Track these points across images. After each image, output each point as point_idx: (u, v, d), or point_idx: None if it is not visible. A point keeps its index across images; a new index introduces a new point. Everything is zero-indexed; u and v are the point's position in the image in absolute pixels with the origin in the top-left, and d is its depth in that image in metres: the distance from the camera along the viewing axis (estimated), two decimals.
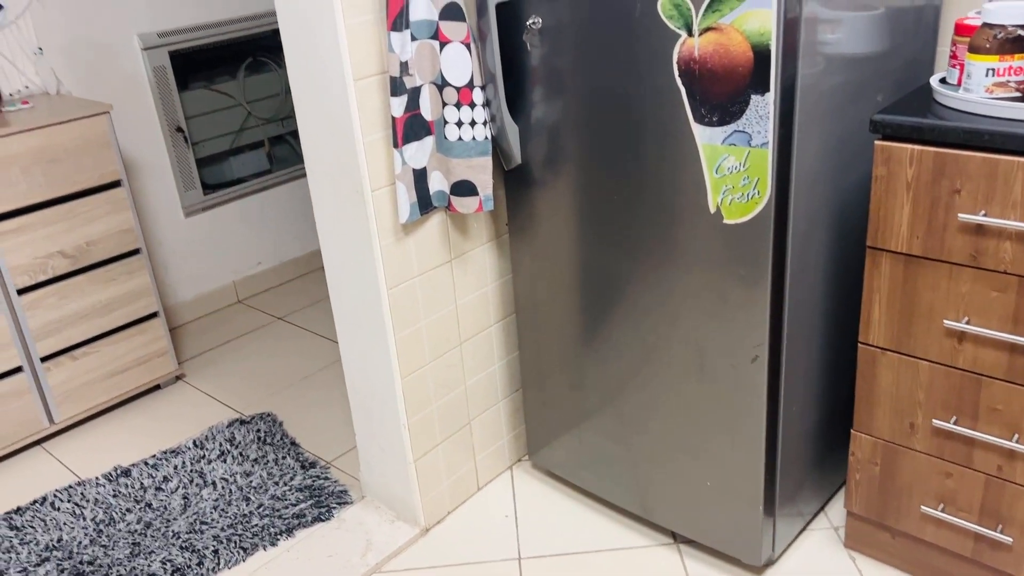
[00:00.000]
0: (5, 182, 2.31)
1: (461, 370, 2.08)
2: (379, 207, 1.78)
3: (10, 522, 2.23)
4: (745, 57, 1.42)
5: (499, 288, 2.10)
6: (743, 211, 1.53)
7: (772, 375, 1.65)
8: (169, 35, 2.96)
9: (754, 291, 1.58)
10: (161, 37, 2.95)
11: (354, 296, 1.92)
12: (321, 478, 2.31)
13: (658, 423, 1.85)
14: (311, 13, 1.65)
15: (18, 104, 2.54)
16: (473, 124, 1.77)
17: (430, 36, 1.69)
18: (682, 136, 1.56)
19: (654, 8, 1.49)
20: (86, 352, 2.56)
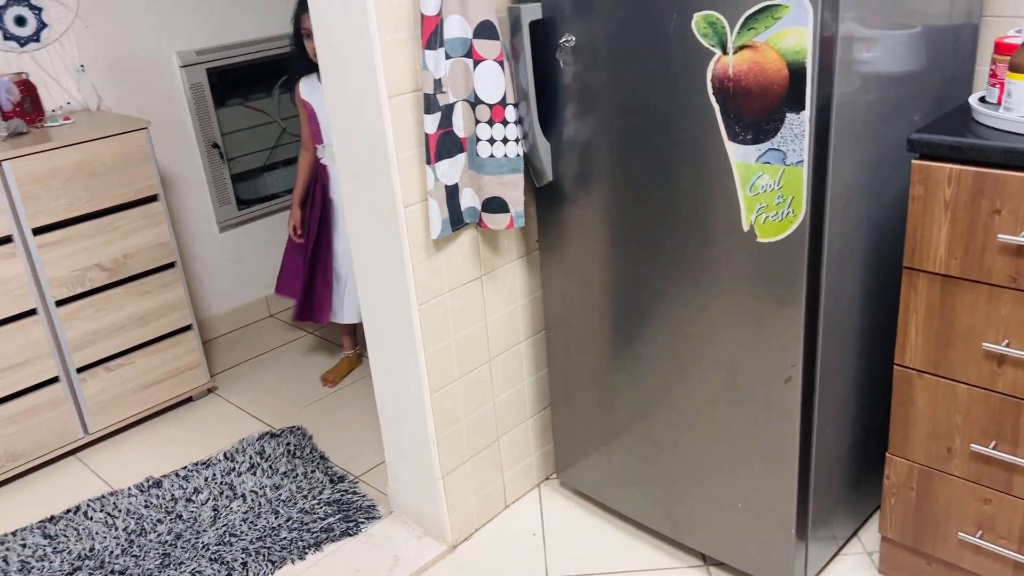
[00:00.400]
0: (47, 195, 2.35)
1: (490, 386, 2.08)
2: (411, 223, 1.79)
3: (44, 530, 2.26)
4: (780, 75, 1.42)
5: (529, 305, 2.10)
6: (777, 230, 1.52)
7: (806, 396, 1.63)
8: (207, 53, 3.02)
9: (788, 310, 1.57)
10: (199, 55, 3.00)
11: (385, 311, 1.93)
12: (349, 492, 2.31)
13: (689, 443, 1.83)
14: (348, 31, 1.67)
15: (60, 120, 2.60)
16: (505, 141, 1.78)
17: (464, 54, 1.71)
18: (715, 154, 1.55)
19: (688, 26, 1.49)
20: (121, 364, 2.60)
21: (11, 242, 2.32)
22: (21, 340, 2.38)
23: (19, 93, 2.52)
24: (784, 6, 1.37)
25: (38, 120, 2.56)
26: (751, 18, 1.41)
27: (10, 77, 2.52)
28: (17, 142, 2.38)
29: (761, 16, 1.40)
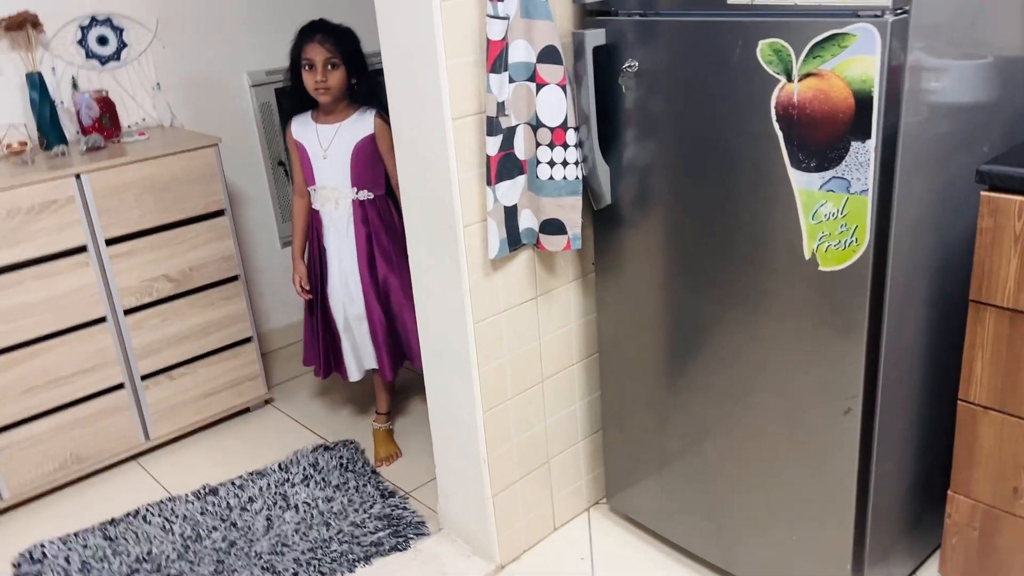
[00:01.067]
0: (120, 207, 2.44)
1: (542, 407, 2.08)
2: (470, 242, 1.82)
3: (105, 532, 2.33)
4: (846, 104, 1.41)
5: (583, 327, 2.11)
6: (840, 259, 1.50)
7: (865, 428, 1.60)
8: (276, 73, 3.10)
9: (849, 341, 1.54)
10: (268, 75, 3.09)
11: (441, 328, 1.95)
12: (399, 508, 2.33)
13: (743, 472, 1.81)
14: (415, 53, 1.71)
15: (135, 135, 2.70)
16: (565, 164, 1.80)
17: (527, 78, 1.73)
18: (777, 181, 1.54)
19: (753, 53, 1.49)
20: (183, 372, 2.67)
21: (85, 251, 2.41)
22: (90, 346, 2.47)
23: (99, 109, 2.63)
24: (852, 35, 1.36)
25: (115, 135, 2.67)
26: (817, 46, 1.41)
27: (91, 94, 2.63)
28: (95, 156, 2.48)
29: (828, 44, 1.40)
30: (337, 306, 2.49)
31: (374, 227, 2.41)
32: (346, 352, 2.54)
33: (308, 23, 2.32)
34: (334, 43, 2.28)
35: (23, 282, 2.31)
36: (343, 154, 2.35)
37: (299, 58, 2.31)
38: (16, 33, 2.51)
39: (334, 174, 2.37)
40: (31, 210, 2.29)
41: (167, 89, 2.86)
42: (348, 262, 2.43)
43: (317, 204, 2.43)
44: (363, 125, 2.36)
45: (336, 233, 2.42)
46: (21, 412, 2.39)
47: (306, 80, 2.31)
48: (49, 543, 2.29)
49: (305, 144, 2.39)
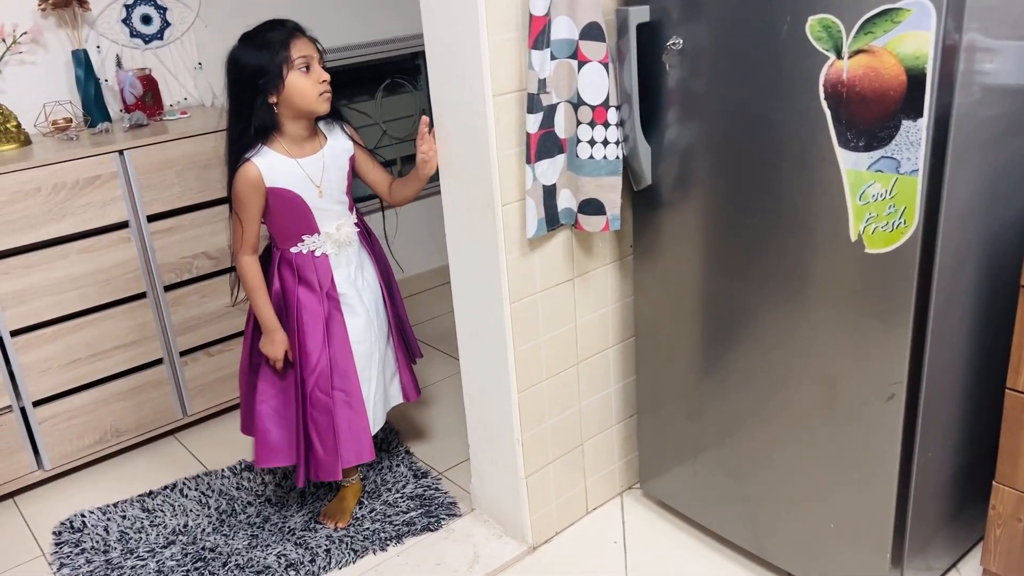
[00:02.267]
0: (162, 184, 2.47)
1: (576, 390, 2.07)
2: (507, 221, 1.81)
3: (143, 504, 2.36)
4: (898, 81, 1.37)
5: (619, 310, 2.09)
6: (887, 241, 1.47)
7: (908, 416, 1.57)
8: None
9: (894, 325, 1.51)
10: None
11: (477, 307, 1.95)
12: (432, 488, 2.34)
13: (781, 459, 1.78)
14: (457, 29, 1.70)
15: (177, 114, 2.72)
16: (606, 143, 1.78)
17: (569, 55, 1.72)
18: (824, 161, 1.51)
19: (802, 29, 1.46)
20: (220, 350, 2.70)
21: (127, 227, 2.45)
22: (131, 321, 2.51)
23: (142, 87, 2.65)
24: (906, 9, 1.33)
25: (157, 113, 2.70)
26: (869, 22, 1.38)
27: (134, 72, 2.66)
28: (138, 133, 2.51)
29: (880, 20, 1.37)
30: (366, 360, 2.08)
31: (369, 242, 2.16)
32: (372, 418, 2.12)
33: (268, 22, 1.87)
34: (314, 40, 1.90)
35: (68, 255, 2.35)
36: (339, 182, 2.00)
37: (277, 63, 1.82)
38: (63, 11, 2.55)
39: (335, 208, 2.01)
40: (76, 185, 2.32)
41: (208, 68, 2.88)
42: (373, 295, 2.12)
43: (330, 249, 2.01)
44: (342, 144, 2.01)
45: (356, 270, 2.07)
46: (64, 384, 2.43)
47: (303, 86, 1.84)
48: (89, 513, 2.34)
49: (293, 189, 1.92)
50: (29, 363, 2.36)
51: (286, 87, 1.85)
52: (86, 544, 2.22)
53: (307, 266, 2.00)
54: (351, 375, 2.05)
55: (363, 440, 2.08)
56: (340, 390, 2.04)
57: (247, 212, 1.94)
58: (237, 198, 1.94)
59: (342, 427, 2.06)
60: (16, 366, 2.34)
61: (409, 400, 2.29)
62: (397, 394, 2.27)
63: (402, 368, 2.26)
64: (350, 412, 2.06)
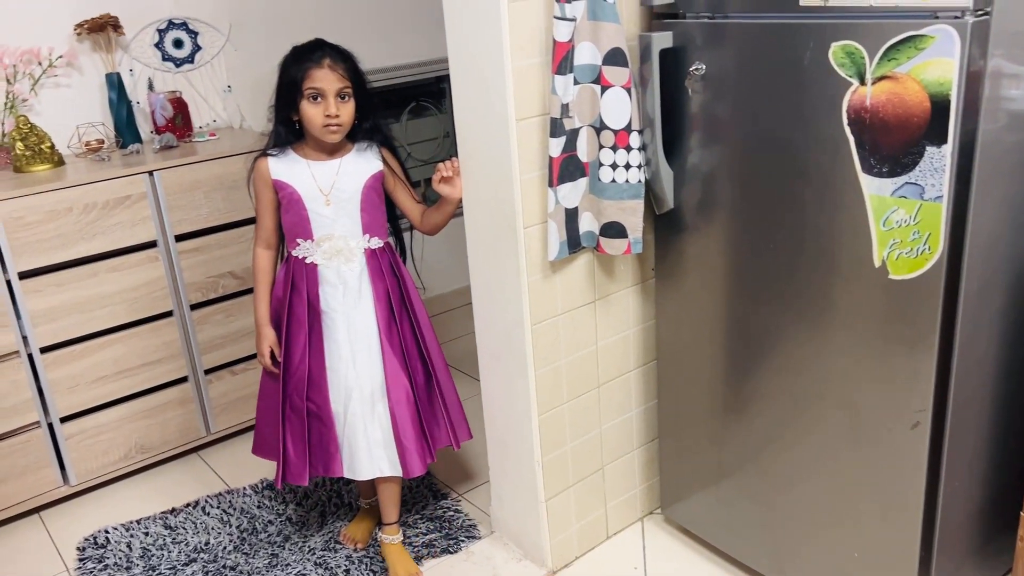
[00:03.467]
0: (190, 205, 2.51)
1: (597, 413, 2.06)
2: (529, 243, 1.82)
3: (165, 521, 2.38)
4: (922, 107, 1.37)
5: (641, 333, 2.09)
6: (911, 267, 1.46)
7: (934, 444, 1.54)
8: None
9: (919, 352, 1.50)
10: None
11: (499, 329, 1.95)
12: (452, 510, 2.33)
13: (804, 486, 1.76)
14: (481, 55, 1.72)
15: (206, 135, 2.77)
16: (628, 167, 1.79)
17: (592, 80, 1.73)
18: (847, 186, 1.51)
19: (824, 56, 1.47)
20: (245, 368, 2.72)
21: (156, 247, 2.48)
22: (157, 339, 2.54)
23: (172, 110, 2.71)
24: (929, 36, 1.33)
25: (187, 135, 2.75)
26: (892, 48, 1.38)
27: (165, 95, 2.71)
28: (168, 154, 2.56)
29: (903, 47, 1.37)
30: (339, 388, 2.00)
31: (390, 281, 2.03)
32: (344, 441, 2.02)
33: (308, 43, 1.91)
34: (346, 69, 1.88)
35: (97, 274, 2.39)
36: (351, 197, 1.95)
37: (298, 85, 1.87)
38: (98, 35, 2.61)
39: (342, 221, 1.96)
40: (106, 205, 2.37)
41: (237, 91, 2.93)
42: (362, 328, 1.99)
43: (319, 258, 1.96)
44: (368, 161, 1.98)
45: (347, 293, 1.97)
46: (91, 401, 2.46)
47: (311, 114, 1.87)
48: (112, 529, 2.36)
49: (295, 186, 1.94)
50: (58, 379, 2.39)
51: (299, 112, 1.91)
52: (109, 560, 2.24)
53: (300, 272, 2.00)
54: (324, 391, 2.01)
55: (332, 452, 2.03)
56: (312, 402, 2.02)
57: (259, 204, 2.03)
58: (253, 188, 2.02)
59: (313, 437, 2.04)
60: (45, 382, 2.38)
61: (412, 473, 2.03)
62: (387, 465, 2.02)
63: (407, 435, 2.02)
64: (320, 426, 2.03)
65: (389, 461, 2.03)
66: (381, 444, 2.02)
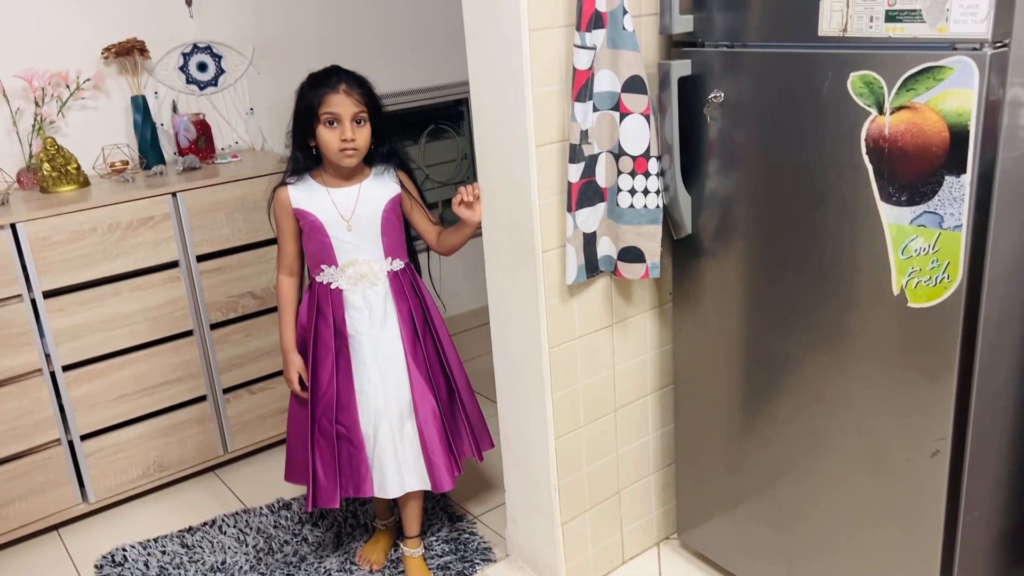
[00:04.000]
0: (211, 226, 2.54)
1: (614, 437, 2.07)
2: (547, 267, 1.83)
3: (183, 540, 2.39)
4: (940, 137, 1.38)
5: (658, 357, 2.09)
6: (930, 295, 1.46)
7: (954, 473, 1.54)
8: None
9: (938, 380, 1.49)
10: None
11: (516, 352, 1.96)
12: (467, 532, 2.33)
13: (822, 514, 1.76)
14: (502, 82, 1.74)
15: (228, 157, 2.81)
16: (646, 192, 1.80)
17: (611, 107, 1.75)
18: (866, 214, 1.51)
19: (843, 85, 1.48)
20: (263, 387, 2.74)
21: (177, 267, 2.52)
22: (177, 358, 2.56)
23: (196, 132, 2.75)
24: (948, 68, 1.34)
25: (209, 157, 2.79)
26: (911, 79, 1.39)
27: (189, 117, 2.76)
28: (190, 176, 2.59)
29: (922, 77, 1.38)
30: (368, 410, 2.02)
31: (413, 301, 2.06)
32: (374, 461, 2.04)
33: (324, 69, 1.95)
34: (361, 95, 1.92)
35: (120, 293, 2.43)
36: (371, 222, 1.98)
37: (314, 111, 1.91)
38: (125, 59, 2.66)
39: (364, 246, 1.99)
40: (130, 225, 2.40)
41: (260, 114, 2.97)
42: (388, 350, 2.02)
43: (344, 284, 1.99)
44: (386, 185, 2.02)
45: (372, 316, 2.00)
46: (111, 419, 2.49)
47: (327, 139, 1.90)
48: (130, 547, 2.37)
49: (316, 214, 1.97)
50: (79, 397, 2.42)
51: (316, 137, 1.94)
52: None
53: (325, 297, 2.02)
54: (352, 413, 2.03)
55: (363, 474, 2.04)
56: (342, 425, 2.04)
57: (280, 232, 2.05)
58: (274, 218, 2.05)
59: (342, 459, 2.05)
60: (67, 400, 2.40)
61: (441, 488, 2.07)
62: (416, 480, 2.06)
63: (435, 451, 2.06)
64: (350, 447, 2.04)
65: (418, 476, 2.06)
66: (411, 461, 2.05)
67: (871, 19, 1.43)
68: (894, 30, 1.41)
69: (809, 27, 1.52)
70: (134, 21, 2.69)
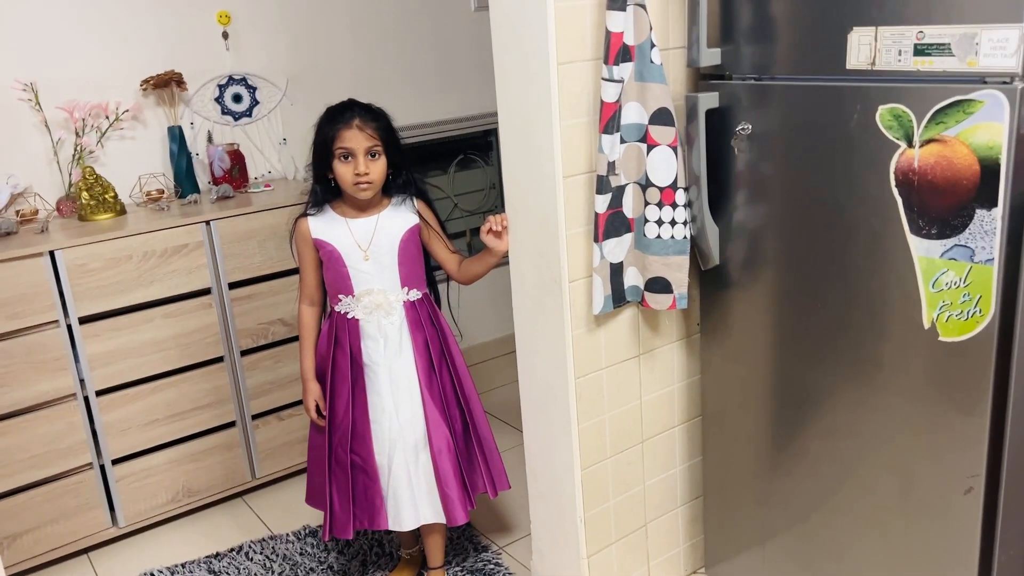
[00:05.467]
0: (244, 254, 2.58)
1: (641, 469, 2.05)
2: (574, 297, 1.83)
3: (209, 566, 2.41)
4: (971, 171, 1.37)
5: (685, 389, 2.08)
6: (962, 329, 1.44)
7: (988, 511, 1.51)
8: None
9: (971, 415, 1.47)
10: None
11: (542, 381, 1.96)
12: (492, 563, 2.32)
13: (853, 551, 1.72)
14: (530, 114, 1.76)
15: (261, 186, 2.86)
16: (673, 223, 1.80)
17: (639, 139, 1.76)
18: (895, 247, 1.50)
19: (872, 118, 1.48)
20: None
21: (210, 294, 2.55)
22: (208, 384, 2.59)
23: (230, 161, 2.80)
24: (978, 101, 1.33)
25: (243, 186, 2.84)
26: (941, 112, 1.38)
27: (224, 147, 2.81)
28: (224, 205, 2.64)
29: (951, 111, 1.37)
30: (383, 440, 2.02)
31: (429, 332, 2.07)
32: (388, 493, 2.04)
33: (340, 104, 1.99)
34: (375, 128, 1.94)
35: (153, 319, 2.47)
36: (389, 251, 2.00)
37: (329, 146, 1.94)
38: (162, 90, 2.73)
39: (381, 276, 2.00)
40: (164, 253, 2.45)
41: (292, 144, 3.03)
42: (403, 379, 2.03)
43: (359, 313, 2.01)
44: (404, 215, 2.03)
45: (387, 345, 2.01)
46: (142, 444, 2.52)
47: (341, 172, 1.93)
48: (158, 572, 2.39)
49: (335, 244, 1.99)
50: (111, 422, 2.46)
51: (332, 170, 1.97)
52: None
53: (342, 327, 2.04)
54: (368, 443, 2.04)
55: (377, 506, 2.04)
56: (357, 455, 2.05)
57: (301, 262, 2.09)
58: (295, 248, 2.09)
59: (357, 490, 2.06)
60: (99, 425, 2.44)
61: (457, 521, 2.07)
62: (431, 512, 2.06)
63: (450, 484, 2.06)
64: (365, 478, 2.05)
65: (432, 508, 2.06)
66: (425, 493, 2.05)
67: (899, 52, 1.43)
68: (923, 63, 1.41)
69: (837, 60, 1.53)
70: (172, 54, 2.76)
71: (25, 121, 2.58)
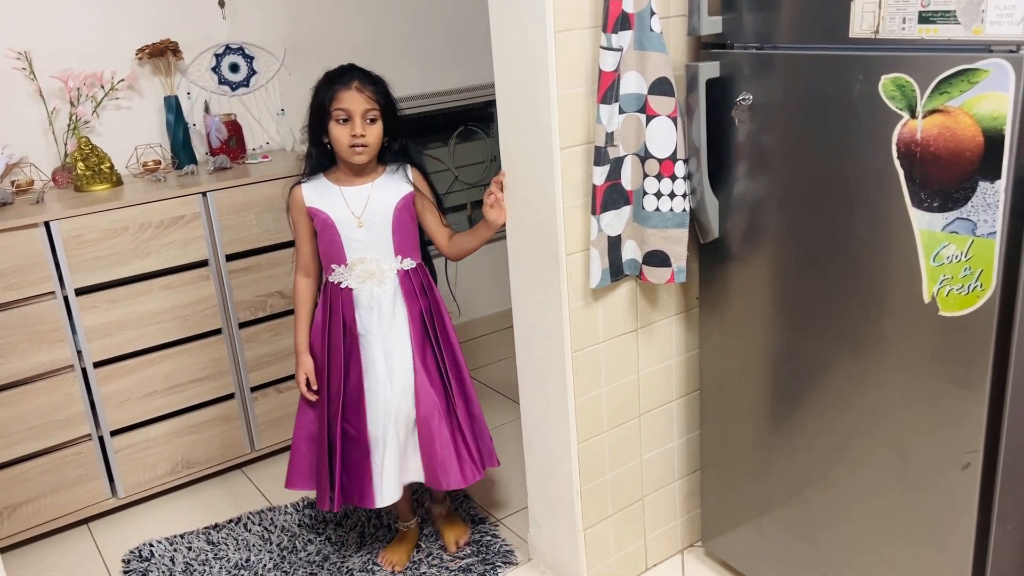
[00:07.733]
0: (241, 226, 2.57)
1: (638, 442, 2.05)
2: (572, 271, 1.82)
3: (208, 537, 2.42)
4: (974, 142, 1.34)
5: (683, 363, 2.07)
6: (963, 304, 1.42)
7: (985, 486, 1.50)
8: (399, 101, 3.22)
9: (970, 389, 1.45)
10: None
11: (540, 355, 1.95)
12: (489, 535, 2.33)
13: (850, 525, 1.72)
14: (527, 83, 1.74)
15: (258, 158, 2.84)
16: (672, 196, 1.78)
17: (638, 109, 1.73)
18: (897, 220, 1.48)
19: (874, 88, 1.45)
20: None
21: (207, 266, 2.54)
22: (206, 356, 2.59)
23: (227, 132, 2.78)
24: (983, 70, 1.30)
25: (240, 157, 2.82)
26: (944, 82, 1.35)
27: (221, 117, 2.79)
28: (221, 176, 2.62)
29: (956, 80, 1.34)
30: (377, 411, 2.02)
31: (423, 302, 2.05)
32: (379, 469, 2.04)
33: (339, 67, 1.97)
34: (374, 92, 1.92)
35: (151, 291, 2.46)
36: (383, 219, 1.99)
37: (326, 107, 1.93)
38: (158, 60, 2.70)
39: (374, 244, 1.99)
40: (161, 224, 2.43)
41: (290, 114, 3.00)
42: (397, 348, 2.02)
43: (352, 282, 2.00)
44: (399, 184, 2.01)
45: (381, 314, 2.00)
46: (141, 415, 2.52)
47: (337, 135, 1.92)
48: (157, 543, 2.40)
49: (328, 212, 1.98)
50: (109, 394, 2.46)
51: (328, 133, 1.95)
52: (152, 574, 2.28)
53: (336, 298, 2.04)
54: (362, 414, 2.03)
55: (366, 484, 2.04)
56: (351, 424, 2.05)
57: (296, 231, 2.08)
58: (290, 218, 2.08)
59: (350, 465, 2.07)
60: (97, 396, 2.44)
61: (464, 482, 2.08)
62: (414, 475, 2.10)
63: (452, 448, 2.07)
64: (358, 451, 2.05)
65: (415, 472, 2.10)
66: (411, 458, 2.09)
67: (903, 20, 1.40)
68: (927, 31, 1.38)
69: (840, 29, 1.49)
70: (167, 22, 2.73)
71: (20, 91, 2.56)
